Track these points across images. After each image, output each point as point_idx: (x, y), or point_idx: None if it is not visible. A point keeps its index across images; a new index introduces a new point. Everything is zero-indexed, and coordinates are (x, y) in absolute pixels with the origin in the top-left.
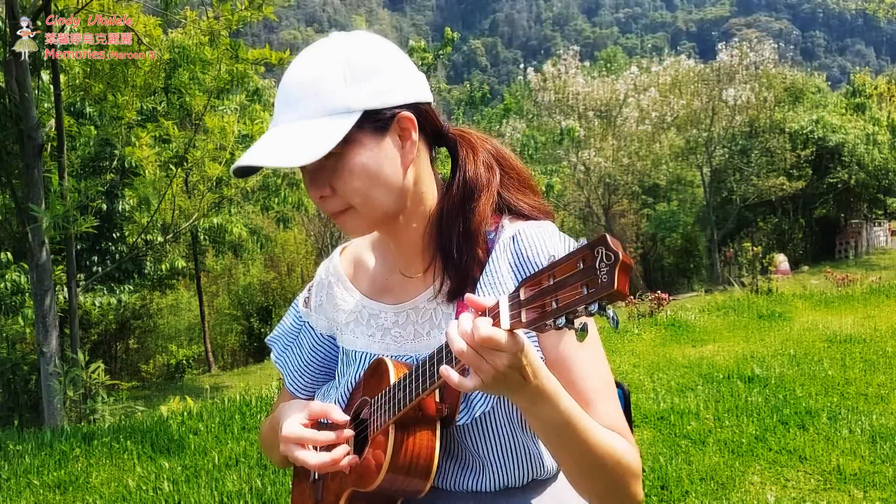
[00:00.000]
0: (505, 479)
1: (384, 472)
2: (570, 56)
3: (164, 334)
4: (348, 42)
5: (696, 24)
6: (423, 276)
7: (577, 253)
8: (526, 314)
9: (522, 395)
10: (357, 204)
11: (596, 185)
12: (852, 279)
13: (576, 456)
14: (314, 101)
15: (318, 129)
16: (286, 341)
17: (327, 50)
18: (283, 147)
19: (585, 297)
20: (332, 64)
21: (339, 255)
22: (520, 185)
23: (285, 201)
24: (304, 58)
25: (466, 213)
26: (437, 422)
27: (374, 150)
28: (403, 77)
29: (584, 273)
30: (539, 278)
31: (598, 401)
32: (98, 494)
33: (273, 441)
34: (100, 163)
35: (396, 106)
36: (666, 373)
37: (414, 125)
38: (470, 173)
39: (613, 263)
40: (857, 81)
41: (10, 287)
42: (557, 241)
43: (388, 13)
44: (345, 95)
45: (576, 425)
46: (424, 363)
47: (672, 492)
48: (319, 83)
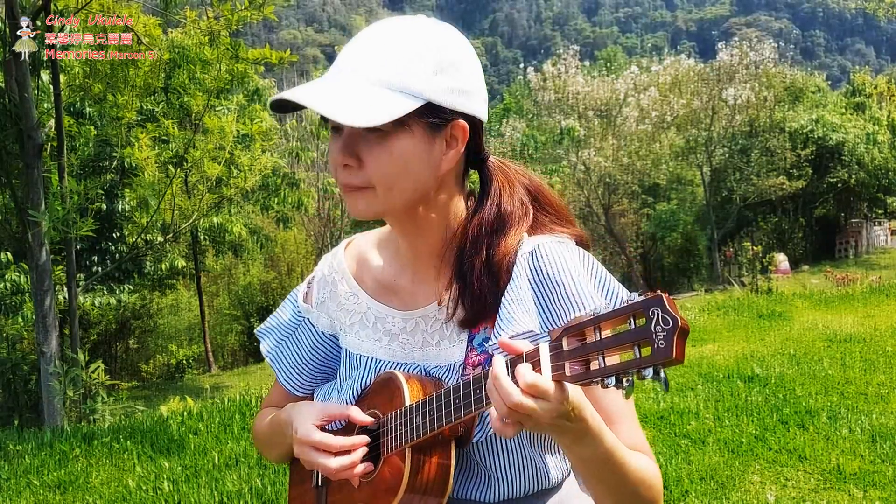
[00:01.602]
0: (510, 491)
1: (401, 494)
2: (570, 56)
3: (164, 334)
4: (440, 29)
5: (695, 23)
6: (437, 290)
7: (628, 309)
8: (570, 367)
9: (566, 436)
10: (379, 186)
11: (596, 184)
12: (852, 279)
13: (611, 486)
14: (387, 70)
15: (381, 97)
16: (281, 335)
17: (418, 27)
18: (339, 99)
19: (639, 361)
20: (419, 43)
21: (343, 251)
22: (557, 219)
23: (285, 201)
24: (390, 25)
25: (492, 245)
26: (453, 441)
27: (419, 144)
28: (477, 87)
29: (637, 334)
30: (583, 329)
31: (623, 420)
32: (98, 494)
33: (272, 439)
34: (100, 163)
35: (459, 111)
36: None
37: (465, 136)
38: (505, 206)
39: (672, 329)
40: (857, 81)
41: (10, 287)
42: (577, 259)
43: (388, 12)
44: (419, 79)
45: (615, 459)
46: (450, 394)
47: (672, 491)
48: (400, 57)
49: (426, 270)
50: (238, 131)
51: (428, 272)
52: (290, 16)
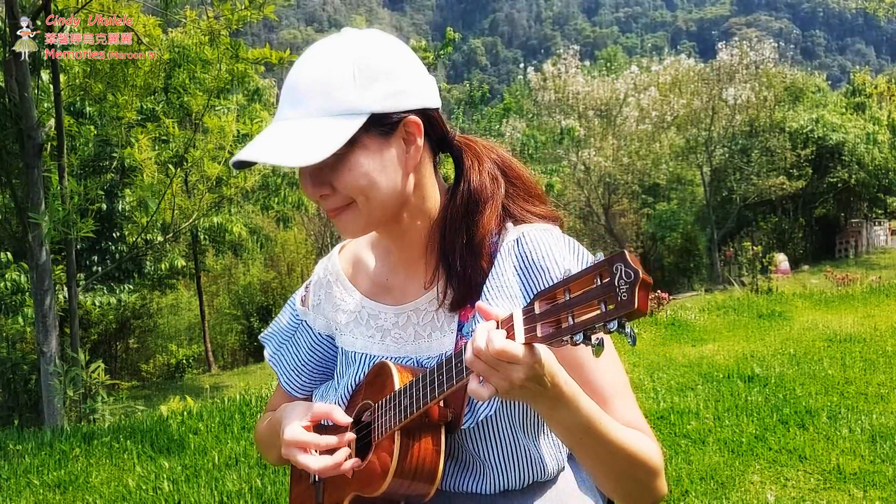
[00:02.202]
0: (505, 482)
1: (390, 478)
2: (570, 55)
3: (164, 334)
4: (360, 41)
5: (696, 23)
6: (425, 279)
7: (594, 268)
8: (542, 328)
9: (541, 402)
10: (357, 198)
11: (596, 184)
12: (852, 278)
13: (600, 458)
14: (322, 99)
15: (323, 129)
16: (281, 339)
17: (339, 47)
18: (286, 145)
19: (604, 314)
20: (343, 63)
21: (338, 254)
22: (526, 194)
23: (285, 201)
24: (314, 54)
25: (470, 225)
26: (442, 427)
27: (376, 154)
28: (414, 81)
29: (603, 290)
30: (553, 292)
31: (616, 397)
32: (98, 494)
33: (270, 441)
34: (100, 163)
35: (405, 111)
36: (666, 372)
37: (420, 130)
38: (475, 183)
39: (633, 281)
40: (857, 81)
41: (10, 287)
42: (563, 245)
43: (388, 12)
44: (353, 96)
45: (597, 427)
46: (433, 371)
47: (672, 491)
48: (328, 81)
49: (416, 266)
50: (238, 131)
51: (418, 267)
52: (291, 15)
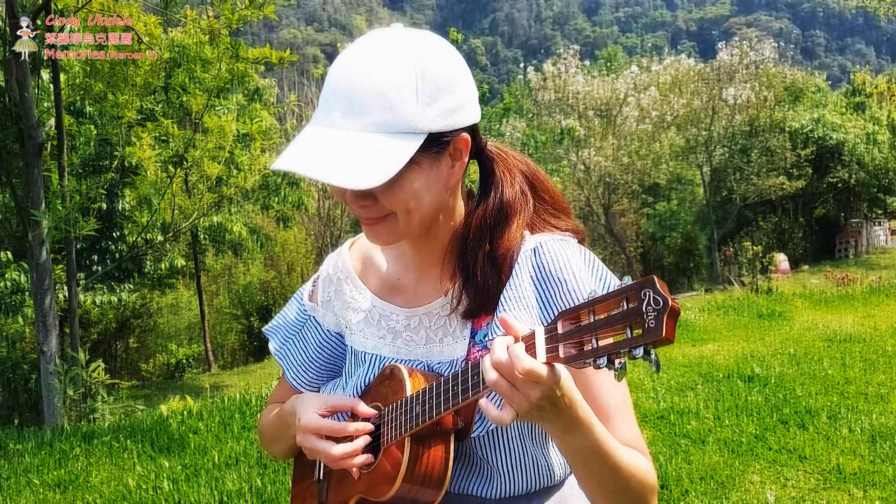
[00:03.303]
0: (513, 488)
1: (399, 483)
2: (570, 55)
3: (163, 333)
4: (422, 46)
5: (696, 23)
6: (439, 282)
7: (621, 292)
8: (564, 349)
9: (556, 424)
10: (399, 212)
11: (596, 184)
12: (852, 278)
13: (602, 479)
14: (382, 114)
15: (382, 148)
16: (287, 333)
17: (399, 52)
18: (341, 162)
19: (630, 340)
20: (406, 72)
21: (348, 250)
22: (553, 209)
23: (285, 200)
24: (371, 55)
25: (495, 236)
26: (452, 434)
27: (427, 172)
28: (469, 97)
29: (629, 315)
30: (578, 313)
31: (619, 417)
32: (98, 493)
33: (278, 433)
34: (100, 162)
35: (459, 129)
36: (666, 372)
37: (468, 147)
38: (507, 196)
39: (662, 309)
40: (857, 80)
41: (9, 286)
42: (579, 257)
43: (389, 12)
44: (415, 114)
45: (605, 451)
46: (448, 381)
47: (672, 491)
48: (390, 94)
49: (431, 269)
50: (238, 131)
51: (433, 270)
52: (291, 15)
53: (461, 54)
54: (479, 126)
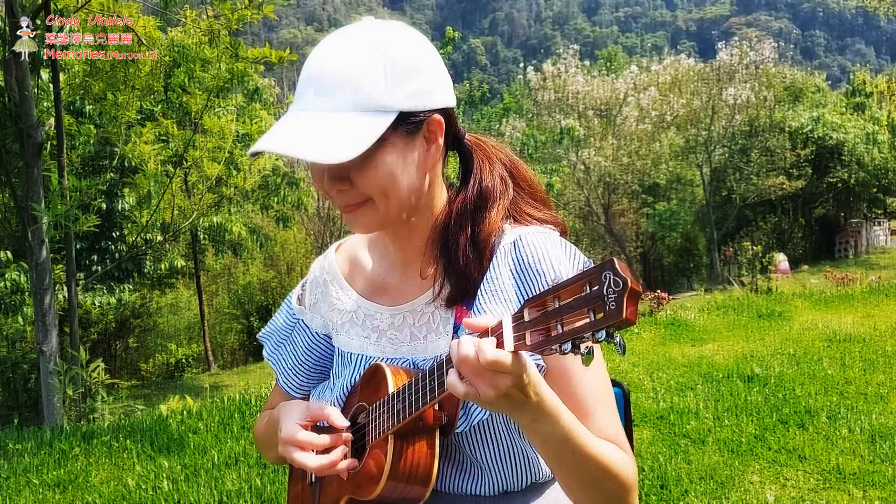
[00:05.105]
0: (504, 484)
1: (384, 482)
2: (569, 55)
3: (163, 333)
4: (388, 34)
5: (695, 23)
6: (422, 278)
7: (584, 276)
8: (531, 336)
9: (523, 413)
10: (375, 196)
11: (596, 184)
12: (852, 278)
13: (573, 469)
14: (352, 93)
15: (352, 125)
16: (279, 338)
17: (367, 39)
18: (313, 138)
19: (592, 323)
20: (373, 56)
21: (334, 253)
22: (531, 198)
23: (285, 200)
24: (340, 43)
25: (476, 221)
26: (437, 430)
27: (401, 152)
28: (439, 79)
29: (591, 298)
30: (544, 299)
31: (598, 411)
32: (97, 493)
33: (269, 440)
34: (100, 162)
35: (430, 110)
36: (665, 372)
37: (442, 130)
38: (486, 183)
39: (622, 290)
40: (856, 80)
41: (9, 286)
42: (560, 249)
43: (388, 12)
44: (383, 93)
45: (575, 440)
46: (426, 375)
47: (671, 491)
48: (358, 75)
49: (414, 265)
50: (237, 131)
51: (415, 267)
52: (290, 15)
53: (461, 54)
54: (454, 113)
